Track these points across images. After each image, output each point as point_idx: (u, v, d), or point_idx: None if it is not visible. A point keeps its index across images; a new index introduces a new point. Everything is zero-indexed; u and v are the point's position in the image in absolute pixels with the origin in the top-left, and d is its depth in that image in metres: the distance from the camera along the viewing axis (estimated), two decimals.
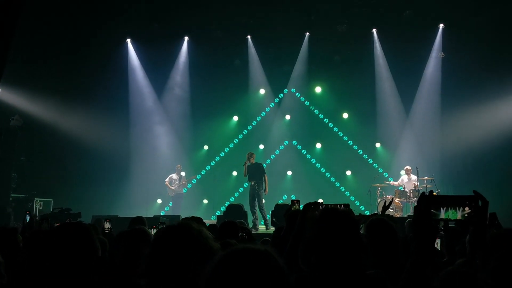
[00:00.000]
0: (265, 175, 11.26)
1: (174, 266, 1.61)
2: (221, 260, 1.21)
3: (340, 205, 3.05)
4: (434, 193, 1.76)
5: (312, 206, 2.60)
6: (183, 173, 13.84)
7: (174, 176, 13.70)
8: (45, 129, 13.09)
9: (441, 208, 1.71)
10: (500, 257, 1.74)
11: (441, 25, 13.24)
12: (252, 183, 11.17)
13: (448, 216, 1.72)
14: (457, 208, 1.72)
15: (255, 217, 10.99)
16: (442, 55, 13.32)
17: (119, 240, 2.51)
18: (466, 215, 1.73)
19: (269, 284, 1.16)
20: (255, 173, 11.17)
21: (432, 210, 1.70)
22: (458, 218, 1.73)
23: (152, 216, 10.50)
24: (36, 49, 12.61)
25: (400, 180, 12.68)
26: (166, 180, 13.65)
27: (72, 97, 13.30)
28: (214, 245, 1.71)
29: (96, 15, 12.78)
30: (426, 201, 1.70)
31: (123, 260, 2.23)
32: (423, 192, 1.76)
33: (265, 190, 11.17)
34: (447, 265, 3.65)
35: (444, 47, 13.27)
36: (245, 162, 11.19)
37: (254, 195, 11.08)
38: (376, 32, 13.81)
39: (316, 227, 2.01)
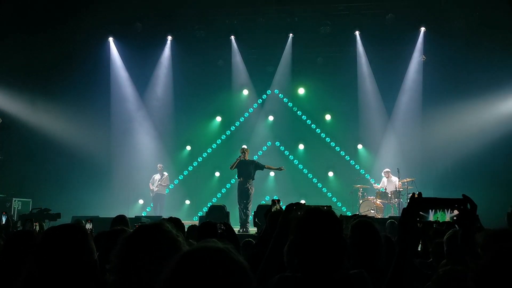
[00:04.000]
0: (265, 166, 11.27)
1: (145, 264, 1.60)
2: (178, 260, 1.19)
3: (323, 206, 3.05)
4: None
5: (295, 207, 2.59)
6: (165, 173, 13.70)
7: (156, 176, 13.58)
8: (24, 128, 12.85)
9: (430, 210, 1.72)
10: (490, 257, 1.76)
11: (423, 29, 13.40)
12: (241, 179, 10.98)
13: (437, 218, 1.72)
14: (446, 211, 1.73)
15: (245, 216, 10.85)
16: (424, 59, 13.48)
17: (98, 241, 2.47)
18: (454, 217, 1.74)
19: (229, 282, 1.15)
20: (247, 169, 10.94)
21: (420, 212, 1.71)
22: (447, 220, 1.74)
23: (134, 217, 10.38)
24: (15, 45, 12.32)
25: (381, 183, 12.79)
26: (150, 181, 13.55)
27: (52, 96, 13.10)
28: (184, 244, 1.70)
29: (77, 12, 12.60)
30: (414, 203, 1.70)
31: (101, 261, 2.19)
32: (413, 193, 1.77)
33: (280, 168, 11.51)
34: (432, 266, 3.69)
35: (426, 50, 13.44)
36: (240, 157, 10.94)
37: (244, 192, 10.92)
38: (359, 34, 13.90)
39: (299, 227, 2.00)
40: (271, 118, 15.14)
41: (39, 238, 1.98)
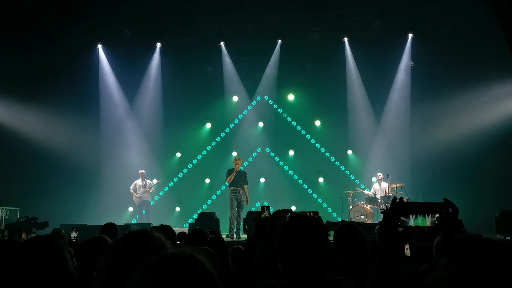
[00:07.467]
0: (246, 185, 11.07)
1: (132, 271, 1.59)
2: (144, 268, 1.17)
3: (309, 212, 3.04)
4: (404, 200, 1.75)
5: (281, 213, 2.59)
6: (155, 181, 13.55)
7: (138, 182, 13.19)
8: (11, 135, 12.69)
9: (411, 215, 1.71)
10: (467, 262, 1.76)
11: (410, 35, 13.53)
12: (233, 188, 10.85)
13: (418, 223, 1.72)
14: (427, 215, 1.73)
15: (236, 224, 10.76)
16: (412, 64, 13.61)
17: (82, 249, 2.45)
18: (436, 222, 1.73)
19: None
20: (239, 179, 10.91)
21: (401, 218, 1.70)
22: (427, 225, 1.73)
23: (123, 224, 10.31)
24: (2, 51, 12.11)
25: (372, 190, 12.81)
26: (131, 187, 13.15)
27: (39, 102, 12.95)
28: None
29: (66, 19, 12.53)
30: (395, 208, 1.70)
31: (83, 269, 2.16)
32: (394, 198, 1.77)
33: (246, 200, 11.00)
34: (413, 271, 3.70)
35: (414, 56, 13.57)
36: (235, 169, 10.87)
37: (236, 201, 10.80)
38: (348, 40, 13.99)
39: (284, 234, 2.00)
40: (261, 124, 15.14)
41: (11, 251, 1.96)
